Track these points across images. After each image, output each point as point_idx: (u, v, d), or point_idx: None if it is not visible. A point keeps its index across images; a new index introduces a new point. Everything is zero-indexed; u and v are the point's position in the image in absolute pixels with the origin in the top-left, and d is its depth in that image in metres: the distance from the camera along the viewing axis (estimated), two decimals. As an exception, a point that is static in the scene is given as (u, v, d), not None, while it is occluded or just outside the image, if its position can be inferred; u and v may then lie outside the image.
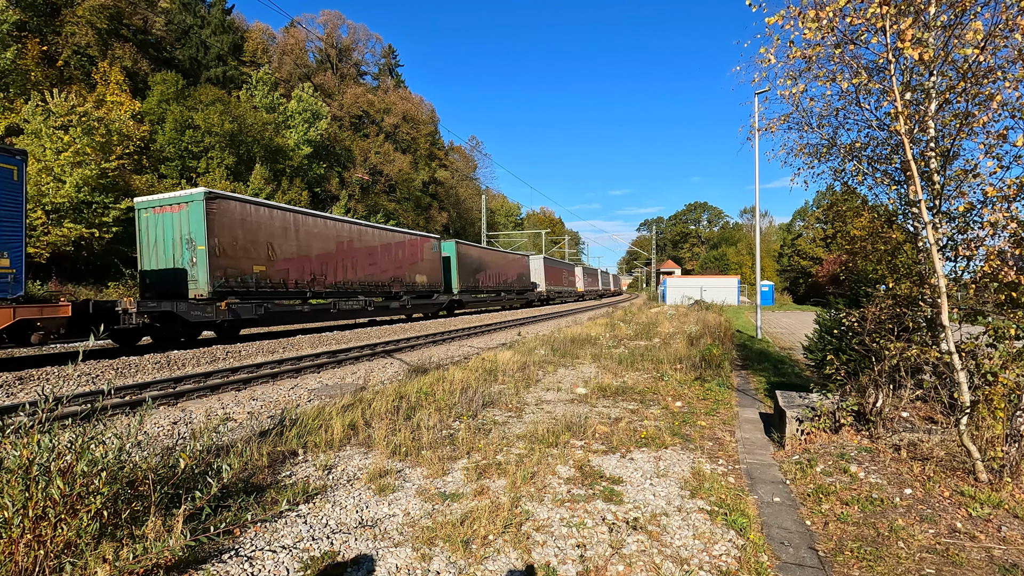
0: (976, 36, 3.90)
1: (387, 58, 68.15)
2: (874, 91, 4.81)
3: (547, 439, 5.29)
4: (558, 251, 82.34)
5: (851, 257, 8.61)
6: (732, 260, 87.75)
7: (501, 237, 70.79)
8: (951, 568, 3.05)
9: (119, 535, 2.93)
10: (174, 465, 3.45)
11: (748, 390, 8.46)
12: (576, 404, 7.09)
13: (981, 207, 4.39)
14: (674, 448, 5.23)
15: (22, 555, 2.51)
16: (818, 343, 8.76)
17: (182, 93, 34.53)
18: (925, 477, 4.20)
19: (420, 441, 5.14)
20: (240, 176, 34.39)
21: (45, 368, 9.64)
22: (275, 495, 3.84)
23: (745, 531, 3.46)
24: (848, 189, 6.30)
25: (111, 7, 33.98)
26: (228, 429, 5.86)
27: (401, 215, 52.74)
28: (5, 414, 6.46)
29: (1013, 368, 4.08)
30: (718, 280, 49.37)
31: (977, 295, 4.51)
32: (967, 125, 4.29)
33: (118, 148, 25.26)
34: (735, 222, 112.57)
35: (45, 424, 2.88)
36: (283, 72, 51.41)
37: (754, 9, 4.68)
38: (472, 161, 79.69)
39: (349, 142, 53.00)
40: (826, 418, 5.25)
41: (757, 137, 7.36)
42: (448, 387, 7.47)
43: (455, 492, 4.03)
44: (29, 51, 28.01)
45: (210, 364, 11.19)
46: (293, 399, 8.02)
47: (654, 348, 12.29)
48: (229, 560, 3.00)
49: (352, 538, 3.32)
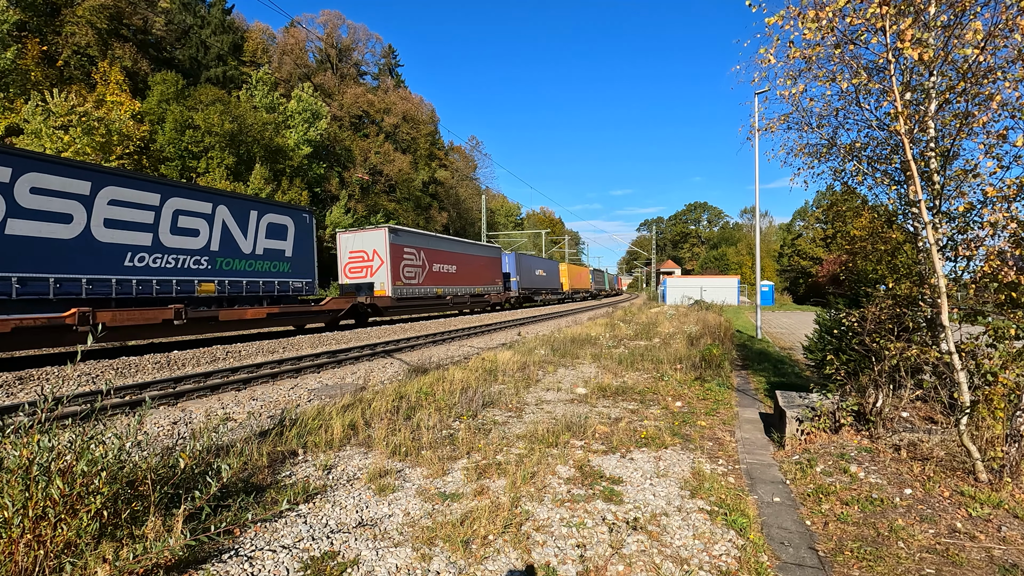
0: (976, 36, 3.90)
1: (387, 58, 68.16)
2: (874, 91, 4.81)
3: (547, 439, 5.29)
4: (558, 251, 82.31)
5: (851, 257, 8.61)
6: (732, 260, 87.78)
7: (501, 237, 70.80)
8: (951, 568, 3.05)
9: (119, 535, 2.93)
10: (174, 465, 3.45)
11: (748, 390, 8.46)
12: (576, 404, 7.09)
13: (981, 207, 4.39)
14: (674, 448, 5.23)
15: (22, 555, 2.51)
16: (818, 343, 8.76)
17: (182, 93, 34.53)
18: (925, 477, 4.20)
19: (420, 441, 5.14)
20: (240, 176, 34.39)
21: (45, 368, 9.64)
22: (275, 495, 3.84)
23: (745, 531, 3.46)
24: (848, 189, 6.30)
25: (111, 7, 33.98)
26: (228, 429, 5.86)
27: (401, 215, 52.76)
28: (5, 414, 6.47)
29: (1013, 368, 4.08)
30: (718, 280, 49.35)
31: (977, 295, 4.50)
32: (967, 125, 4.29)
33: (118, 148, 25.27)
34: (735, 222, 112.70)
35: (45, 424, 2.88)
36: (283, 72, 51.41)
37: (754, 9, 4.68)
38: (472, 161, 79.73)
39: (349, 142, 53.00)
40: (826, 418, 5.25)
41: (757, 137, 7.37)
42: (448, 387, 7.47)
43: (455, 492, 4.03)
44: (29, 51, 28.01)
45: (210, 364, 11.19)
46: (293, 399, 8.02)
47: (654, 348, 12.29)
48: (229, 560, 3.00)
49: (352, 538, 3.32)
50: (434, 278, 24.86)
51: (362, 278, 21.85)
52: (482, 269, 30.68)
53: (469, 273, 28.91)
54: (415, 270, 23.27)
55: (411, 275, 22.97)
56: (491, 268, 32.09)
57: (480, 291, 29.94)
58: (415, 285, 23.15)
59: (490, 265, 31.99)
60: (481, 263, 30.63)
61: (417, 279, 23.35)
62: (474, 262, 29.68)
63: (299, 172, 40.76)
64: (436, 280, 25.05)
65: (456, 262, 27.32)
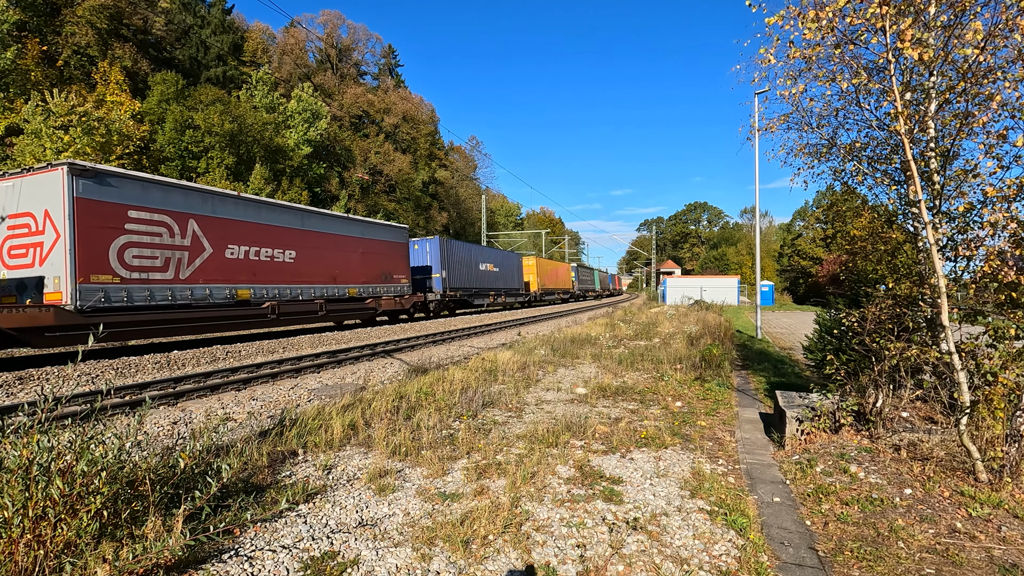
0: (976, 36, 3.90)
1: (387, 58, 68.20)
2: (874, 91, 4.81)
3: (547, 439, 5.29)
4: (558, 251, 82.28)
5: (851, 257, 8.61)
6: (732, 260, 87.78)
7: (501, 237, 70.76)
8: (951, 568, 3.05)
9: (119, 535, 2.93)
10: (174, 465, 3.45)
11: (748, 390, 8.46)
12: (576, 404, 7.09)
13: (981, 207, 4.39)
14: (674, 448, 5.23)
15: (22, 555, 2.51)
16: (818, 343, 8.76)
17: (182, 93, 34.55)
18: (925, 477, 4.20)
19: (420, 441, 5.14)
20: (240, 176, 34.40)
21: (45, 368, 9.64)
22: (275, 495, 3.84)
23: (745, 531, 3.46)
24: (848, 189, 6.30)
25: (111, 7, 34.00)
26: (228, 429, 5.86)
27: (401, 215, 52.77)
28: (5, 414, 6.46)
29: (1013, 368, 4.08)
30: (718, 280, 49.35)
31: (977, 295, 4.50)
32: (967, 125, 4.29)
33: (118, 148, 25.28)
34: (735, 222, 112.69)
35: (45, 424, 2.88)
36: (283, 72, 51.43)
37: (754, 9, 4.68)
38: (472, 161, 79.78)
39: (349, 142, 53.02)
40: (826, 418, 5.25)
41: (757, 137, 7.36)
42: (448, 387, 7.47)
43: (455, 492, 4.03)
44: (29, 51, 28.02)
45: (210, 364, 11.19)
46: (293, 399, 8.02)
47: (654, 348, 12.29)
48: (229, 560, 3.00)
49: (352, 538, 3.32)
50: (232, 270, 14.04)
51: (26, 267, 10.89)
52: (365, 258, 19.45)
53: (330, 262, 17.65)
54: (166, 253, 12.29)
55: (151, 262, 11.96)
56: (387, 257, 20.83)
57: (360, 291, 18.99)
58: (163, 282, 12.18)
59: (387, 253, 20.79)
60: (361, 248, 19.28)
61: (172, 269, 12.44)
62: (344, 246, 18.43)
63: (299, 172, 40.80)
64: (237, 272, 14.20)
65: (296, 244, 16.22)
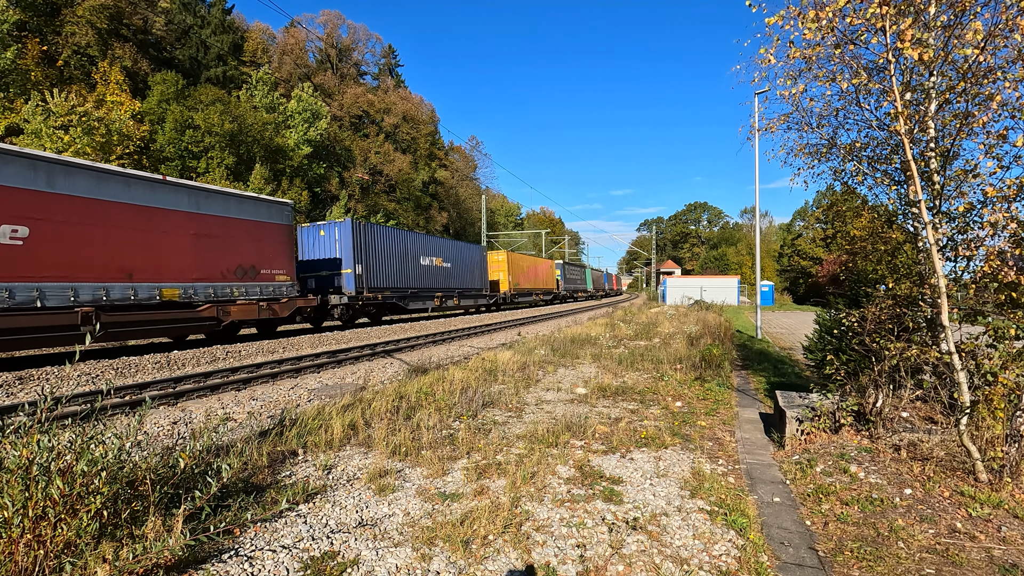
0: (976, 36, 3.90)
1: (387, 58, 68.18)
2: (874, 91, 4.80)
3: (547, 439, 5.29)
4: (558, 251, 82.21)
5: (851, 257, 8.61)
6: (732, 260, 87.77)
7: (501, 237, 70.76)
8: (951, 568, 3.05)
9: (119, 535, 2.93)
10: (174, 465, 3.45)
11: (748, 390, 8.46)
12: (576, 404, 7.09)
13: (981, 207, 4.39)
14: (674, 448, 5.23)
15: (22, 555, 2.51)
16: (818, 343, 8.76)
17: (182, 93, 34.54)
18: (925, 477, 4.20)
19: (420, 441, 5.14)
20: (240, 176, 34.39)
21: (45, 368, 9.64)
22: (275, 495, 3.84)
23: (745, 531, 3.46)
24: (848, 189, 6.29)
25: (111, 7, 33.99)
26: (228, 429, 5.86)
27: (401, 215, 52.77)
28: (5, 414, 6.46)
29: (1013, 368, 4.08)
30: (718, 280, 49.36)
31: (977, 295, 4.50)
32: (967, 125, 4.29)
33: (118, 148, 25.28)
34: (735, 222, 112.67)
35: (45, 424, 2.88)
36: (283, 72, 51.42)
37: (754, 9, 4.68)
38: (472, 161, 79.75)
39: (349, 142, 53.01)
40: (826, 418, 5.25)
41: (757, 137, 7.36)
42: (448, 387, 7.47)
43: (455, 492, 4.03)
44: (29, 51, 28.02)
45: (210, 364, 11.19)
46: (293, 399, 8.02)
47: (654, 348, 12.29)
48: (229, 560, 3.00)
49: (352, 538, 3.32)
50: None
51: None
52: (203, 243, 13.05)
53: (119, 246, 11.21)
54: None
55: None
56: (249, 244, 14.42)
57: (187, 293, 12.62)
58: None
59: (248, 237, 14.42)
60: (193, 228, 12.85)
61: None
62: (155, 224, 11.98)
63: (299, 172, 40.79)
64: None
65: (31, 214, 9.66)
